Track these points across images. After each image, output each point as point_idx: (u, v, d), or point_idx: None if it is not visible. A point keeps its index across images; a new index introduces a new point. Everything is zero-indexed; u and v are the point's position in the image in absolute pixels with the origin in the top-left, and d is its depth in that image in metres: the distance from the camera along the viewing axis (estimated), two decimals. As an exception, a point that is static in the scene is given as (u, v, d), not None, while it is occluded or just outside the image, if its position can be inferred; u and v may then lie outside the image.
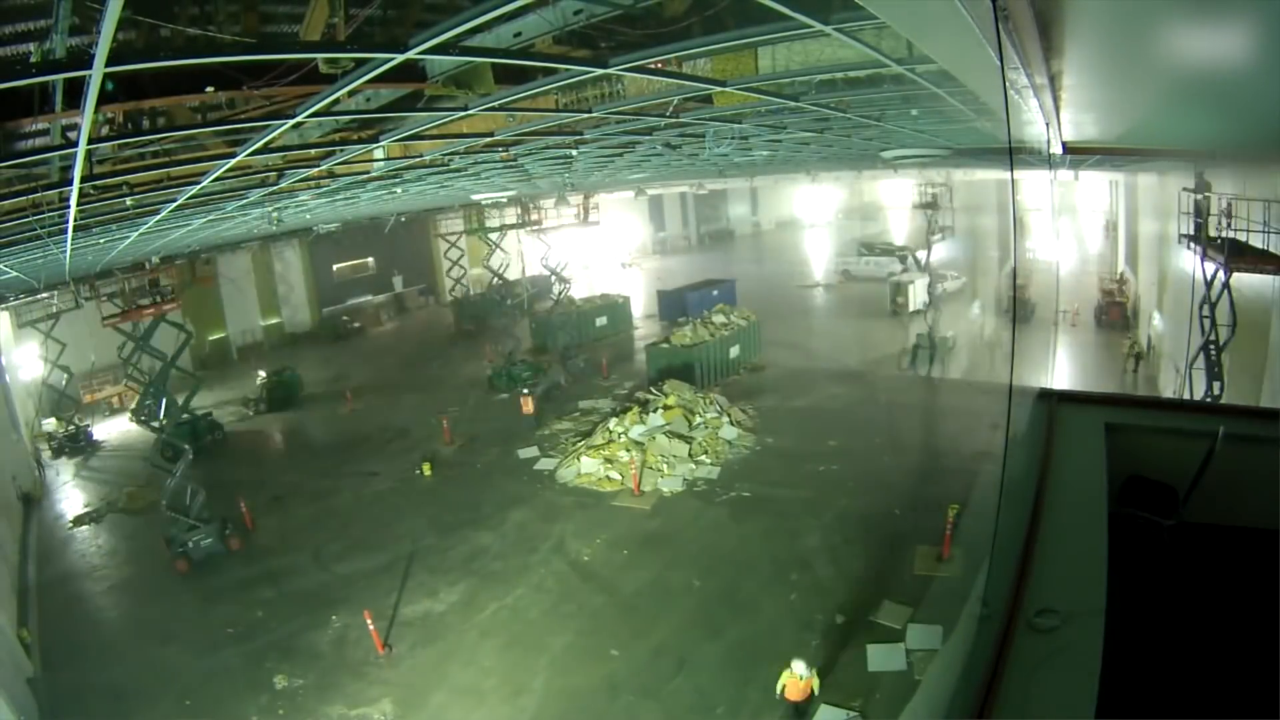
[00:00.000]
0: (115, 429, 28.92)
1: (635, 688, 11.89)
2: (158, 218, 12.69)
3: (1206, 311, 12.56)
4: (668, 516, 17.32)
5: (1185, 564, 3.94)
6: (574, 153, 14.07)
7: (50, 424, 27.99)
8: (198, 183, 9.15)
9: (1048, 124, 7.10)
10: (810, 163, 28.44)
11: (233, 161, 7.84)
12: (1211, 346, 12.61)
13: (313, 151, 9.30)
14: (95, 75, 3.70)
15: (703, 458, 19.77)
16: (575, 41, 5.81)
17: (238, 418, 28.71)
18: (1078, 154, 13.08)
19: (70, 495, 22.95)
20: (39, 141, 6.15)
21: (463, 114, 7.07)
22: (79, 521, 20.51)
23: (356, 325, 42.03)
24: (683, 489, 18.49)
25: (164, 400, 19.98)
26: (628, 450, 19.61)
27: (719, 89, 7.53)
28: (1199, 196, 13.08)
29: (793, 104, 8.67)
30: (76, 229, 11.12)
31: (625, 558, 15.73)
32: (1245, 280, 12.60)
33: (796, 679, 10.22)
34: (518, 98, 6.78)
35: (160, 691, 12.83)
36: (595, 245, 53.56)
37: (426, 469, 20.99)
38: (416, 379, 31.91)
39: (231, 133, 7.21)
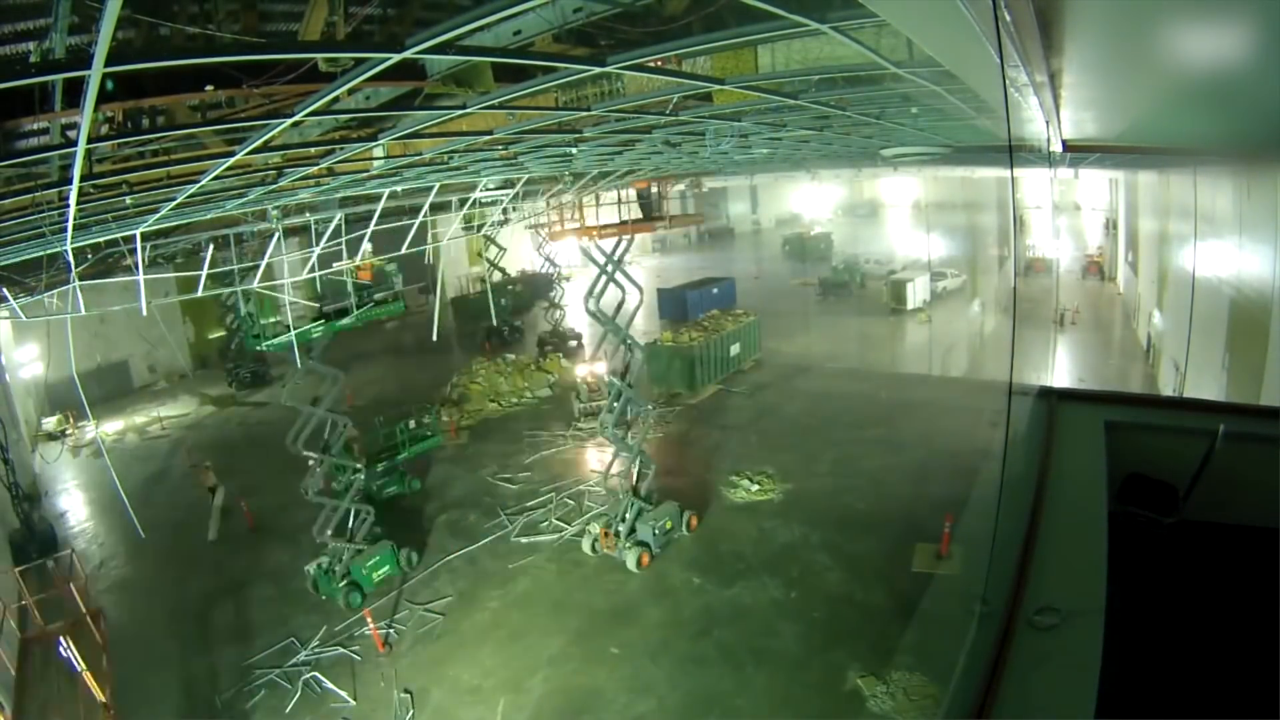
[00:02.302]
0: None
1: (635, 684, 11.90)
2: (157, 216, 12.68)
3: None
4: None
5: (1185, 562, 3.94)
6: (574, 150, 14.05)
7: (51, 423, 28.02)
8: (197, 181, 9.13)
9: (1048, 122, 7.10)
10: (810, 160, 28.40)
11: (232, 160, 7.82)
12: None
13: (312, 150, 9.28)
14: (94, 74, 3.69)
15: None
16: (574, 39, 5.79)
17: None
18: (1078, 152, 13.08)
19: (71, 494, 22.97)
20: (39, 140, 6.14)
21: (462, 112, 7.06)
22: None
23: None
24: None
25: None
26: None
27: (718, 87, 7.51)
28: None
29: (792, 101, 8.65)
30: (77, 227, 11.11)
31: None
32: (1246, 280, 12.63)
33: None
34: (517, 96, 6.76)
35: (159, 688, 12.88)
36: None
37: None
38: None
39: (231, 131, 7.20)
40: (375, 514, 15.89)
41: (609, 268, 16.36)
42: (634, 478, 15.78)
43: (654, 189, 19.78)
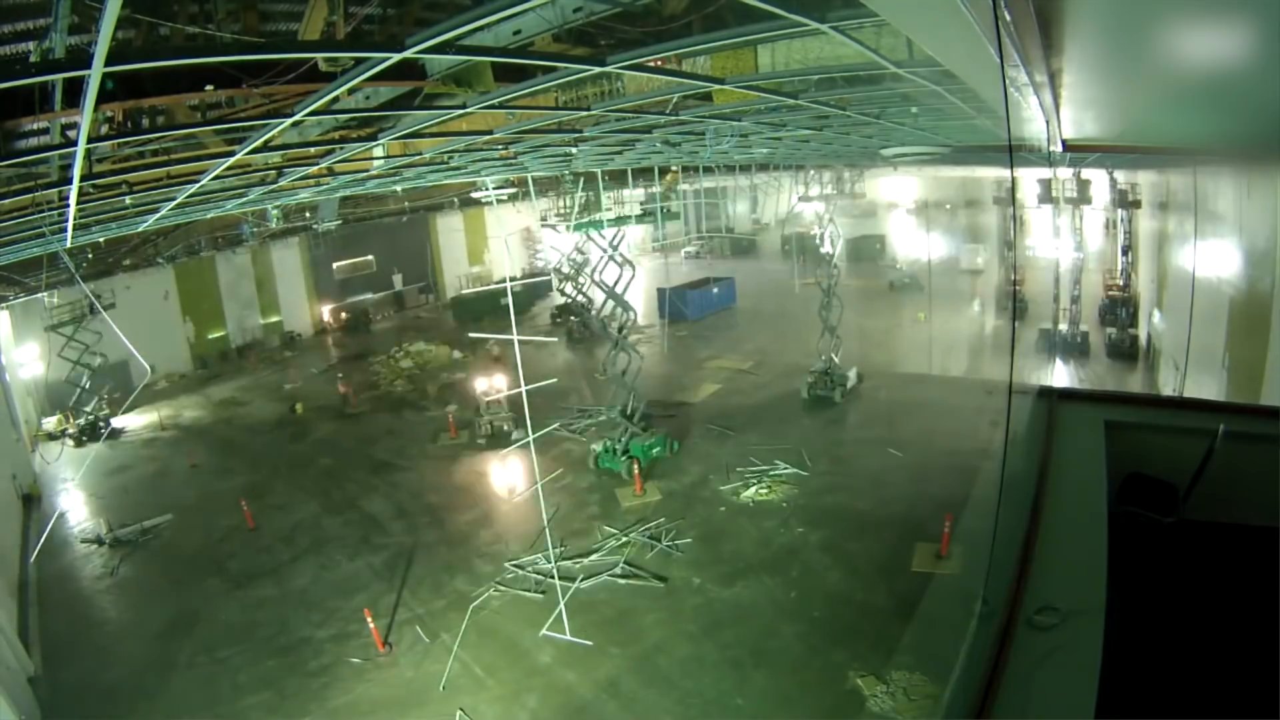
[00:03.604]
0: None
1: (636, 682, 11.90)
2: (157, 215, 12.69)
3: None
4: (669, 515, 17.31)
5: (1185, 562, 3.94)
6: (574, 150, 14.05)
7: (51, 422, 27.97)
8: (197, 181, 9.14)
9: (1048, 121, 7.09)
10: (810, 160, 28.42)
11: (232, 160, 7.82)
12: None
13: (312, 150, 9.29)
14: (94, 74, 3.69)
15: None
16: (574, 39, 5.80)
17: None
18: (1078, 151, 13.08)
19: (70, 494, 22.95)
20: (39, 140, 6.14)
21: (462, 112, 7.06)
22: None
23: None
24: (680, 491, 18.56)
25: None
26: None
27: (718, 87, 7.52)
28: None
29: (792, 101, 8.66)
30: (76, 227, 11.12)
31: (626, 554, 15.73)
32: (1246, 279, 12.65)
33: None
34: (517, 95, 6.77)
35: (159, 687, 12.89)
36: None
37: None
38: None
39: (231, 131, 7.20)
40: None
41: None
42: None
43: None
